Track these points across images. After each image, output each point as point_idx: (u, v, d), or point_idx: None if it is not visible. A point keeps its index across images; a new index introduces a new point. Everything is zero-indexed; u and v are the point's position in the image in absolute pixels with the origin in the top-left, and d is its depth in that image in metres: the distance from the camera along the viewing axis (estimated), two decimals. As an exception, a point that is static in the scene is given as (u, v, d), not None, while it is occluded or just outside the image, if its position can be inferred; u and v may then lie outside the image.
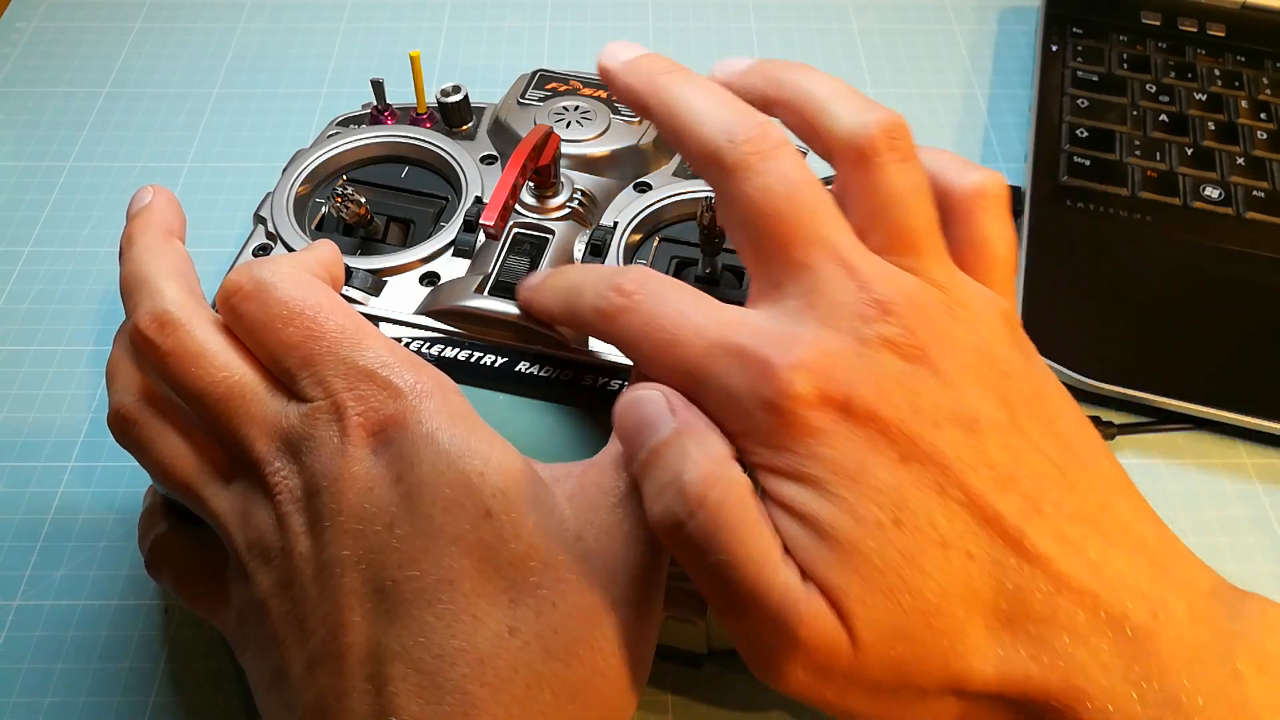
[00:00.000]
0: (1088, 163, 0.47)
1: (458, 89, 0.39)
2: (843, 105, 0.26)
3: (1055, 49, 0.52)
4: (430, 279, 0.33)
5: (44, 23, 0.58)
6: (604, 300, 0.25)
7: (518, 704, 0.22)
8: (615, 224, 0.35)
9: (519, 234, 0.34)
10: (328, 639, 0.23)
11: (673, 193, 0.35)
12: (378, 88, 0.40)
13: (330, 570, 0.24)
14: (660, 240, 0.35)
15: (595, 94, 0.39)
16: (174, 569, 0.30)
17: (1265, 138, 0.48)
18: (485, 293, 0.31)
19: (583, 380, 0.30)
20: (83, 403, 0.41)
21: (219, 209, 0.48)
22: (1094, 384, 0.39)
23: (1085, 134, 0.48)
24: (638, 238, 0.35)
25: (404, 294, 0.33)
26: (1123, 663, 0.21)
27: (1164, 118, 0.49)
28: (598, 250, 0.34)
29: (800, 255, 0.24)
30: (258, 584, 0.25)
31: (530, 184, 0.35)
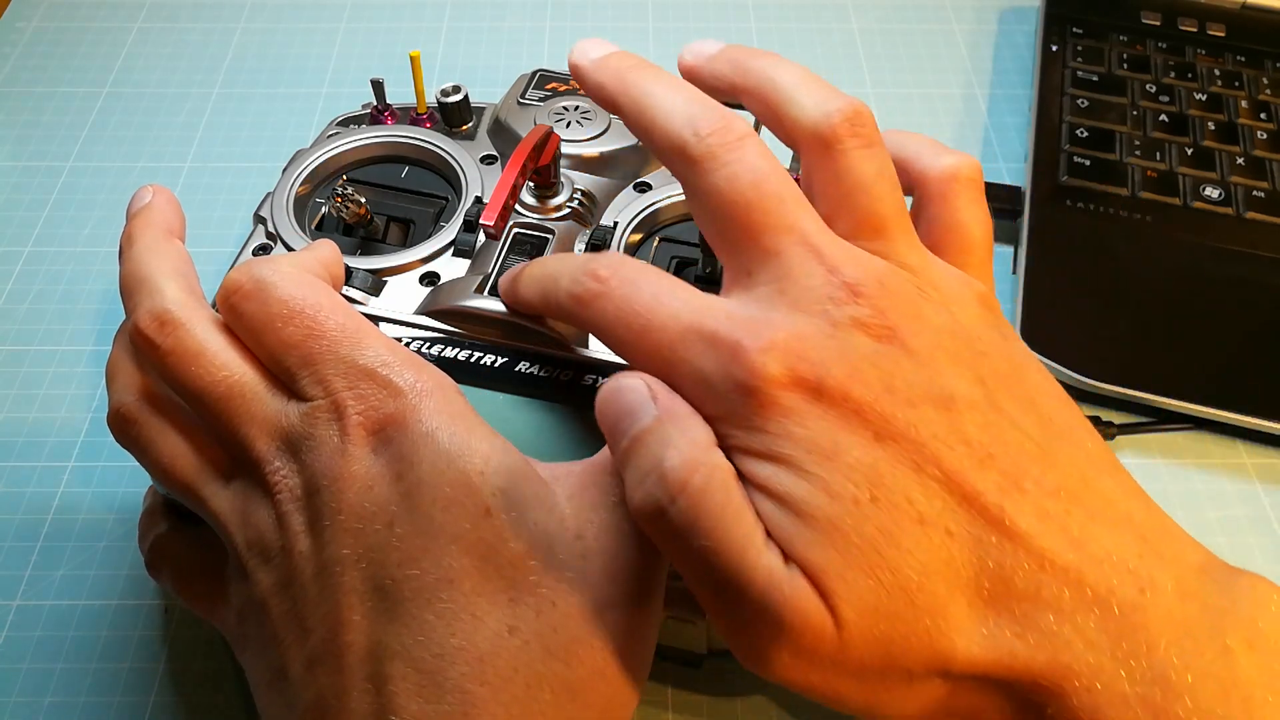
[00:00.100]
0: (1088, 163, 0.47)
1: (458, 89, 0.39)
2: (806, 94, 0.26)
3: (1055, 49, 0.52)
4: (430, 279, 0.33)
5: (44, 23, 0.58)
6: (579, 286, 0.25)
7: (517, 703, 0.22)
8: (615, 224, 0.35)
9: (519, 234, 0.34)
10: (327, 638, 0.23)
11: (673, 193, 0.35)
12: (378, 88, 0.40)
13: (330, 569, 0.24)
14: (660, 240, 0.35)
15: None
16: (174, 569, 0.30)
17: (1265, 138, 0.48)
18: (485, 293, 0.31)
19: (582, 380, 0.30)
20: (83, 403, 0.41)
21: (219, 209, 0.48)
22: (1094, 384, 0.39)
23: (1085, 134, 0.48)
24: (638, 238, 0.35)
25: (404, 294, 0.33)
26: (1110, 640, 0.21)
27: (1164, 118, 0.49)
28: (598, 250, 0.34)
29: (769, 242, 0.24)
30: (257, 583, 0.25)
31: (530, 184, 0.35)
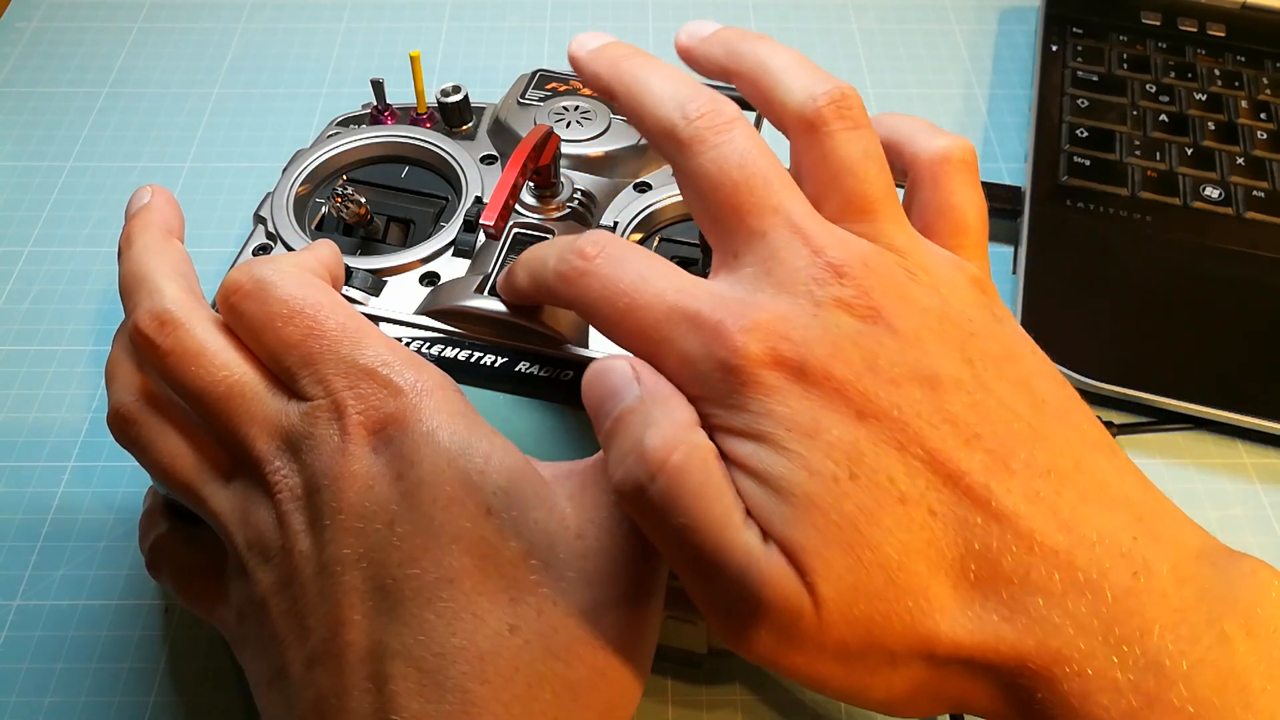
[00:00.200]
0: (1088, 163, 0.47)
1: (458, 89, 0.39)
2: (794, 77, 0.26)
3: (1055, 49, 0.52)
4: (430, 279, 0.33)
5: (44, 23, 0.58)
6: (565, 264, 0.25)
7: (518, 702, 0.22)
8: (615, 224, 0.35)
9: (519, 234, 0.34)
10: (328, 637, 0.23)
11: (673, 193, 0.35)
12: (378, 88, 0.40)
13: (330, 568, 0.24)
14: (660, 240, 0.35)
15: (595, 94, 0.39)
16: (174, 569, 0.30)
17: (1265, 138, 0.48)
18: (485, 293, 0.31)
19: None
20: (83, 403, 0.41)
21: (219, 209, 0.48)
22: (1094, 384, 0.39)
23: (1085, 134, 0.48)
24: (638, 237, 0.35)
25: (404, 294, 0.33)
26: (1102, 625, 0.21)
27: (1164, 118, 0.49)
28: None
29: (755, 224, 0.24)
30: (258, 582, 0.25)
31: (530, 184, 0.35)
